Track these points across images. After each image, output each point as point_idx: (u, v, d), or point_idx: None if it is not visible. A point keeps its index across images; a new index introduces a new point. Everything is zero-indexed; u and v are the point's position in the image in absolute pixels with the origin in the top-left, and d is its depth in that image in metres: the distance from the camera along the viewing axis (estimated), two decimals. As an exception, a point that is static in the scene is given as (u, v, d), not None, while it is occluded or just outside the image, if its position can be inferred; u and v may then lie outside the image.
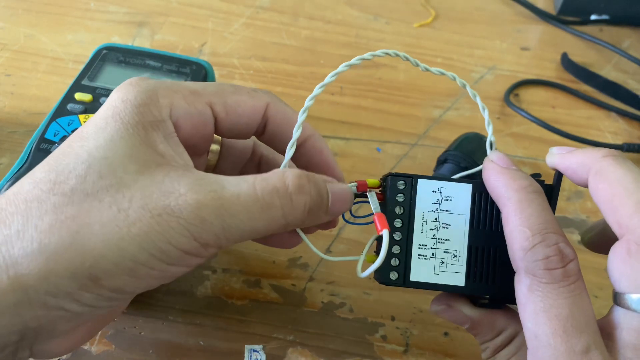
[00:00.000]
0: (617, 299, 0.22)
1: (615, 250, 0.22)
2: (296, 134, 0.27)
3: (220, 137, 0.31)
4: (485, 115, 0.28)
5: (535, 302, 0.22)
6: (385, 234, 0.25)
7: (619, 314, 0.22)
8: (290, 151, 0.27)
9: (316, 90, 0.27)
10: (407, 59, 0.28)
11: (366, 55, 0.27)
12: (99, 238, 0.21)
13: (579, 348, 0.21)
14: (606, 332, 0.22)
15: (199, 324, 0.34)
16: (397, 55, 0.28)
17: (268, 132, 0.28)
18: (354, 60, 0.27)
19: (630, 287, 0.21)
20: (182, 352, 0.33)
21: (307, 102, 0.27)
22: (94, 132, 0.23)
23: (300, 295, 0.36)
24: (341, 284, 0.37)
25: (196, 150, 0.27)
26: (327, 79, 0.28)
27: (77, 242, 0.21)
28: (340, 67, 0.27)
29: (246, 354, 0.33)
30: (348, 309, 0.36)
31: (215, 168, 0.32)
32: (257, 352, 0.33)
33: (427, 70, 0.28)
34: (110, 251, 0.21)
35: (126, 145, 0.22)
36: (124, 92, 0.24)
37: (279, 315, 0.35)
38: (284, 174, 0.24)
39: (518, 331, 0.26)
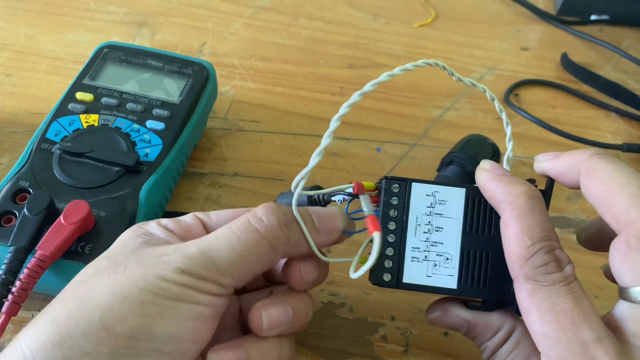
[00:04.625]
0: (622, 293, 0.22)
1: (616, 245, 0.23)
2: (326, 140, 0.26)
3: None
4: (508, 131, 0.28)
5: (538, 304, 0.22)
6: (376, 236, 0.25)
7: (625, 308, 0.22)
8: (316, 159, 0.27)
9: (367, 87, 0.28)
10: (445, 69, 0.28)
11: (408, 65, 0.28)
12: (103, 294, 0.23)
13: (591, 337, 0.21)
14: (612, 325, 0.22)
15: (200, 324, 0.34)
16: (437, 64, 0.28)
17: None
18: (396, 71, 0.28)
19: (634, 280, 0.22)
20: (182, 352, 0.33)
21: (355, 98, 0.27)
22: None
23: (300, 295, 0.36)
24: (341, 284, 0.37)
25: None
26: (367, 87, 0.28)
27: (84, 304, 0.22)
28: (382, 77, 0.27)
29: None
30: (348, 309, 0.36)
31: None
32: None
33: (460, 80, 0.29)
34: (116, 299, 0.22)
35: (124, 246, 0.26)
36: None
37: (280, 315, 0.35)
38: (253, 209, 0.26)
39: (515, 326, 0.26)
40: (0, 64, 0.49)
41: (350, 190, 0.28)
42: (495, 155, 0.41)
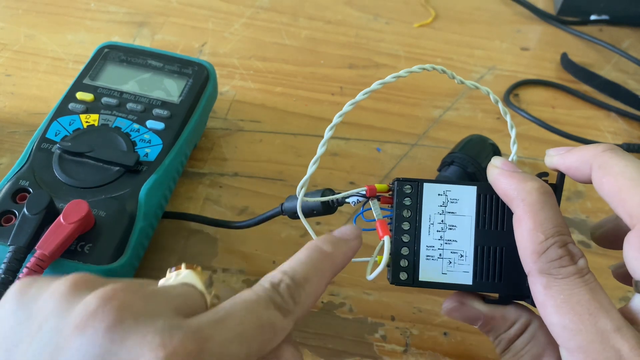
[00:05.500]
0: (638, 286, 0.22)
1: (630, 240, 0.23)
2: (321, 150, 0.27)
3: None
4: (512, 134, 0.29)
5: (554, 297, 0.23)
6: (386, 240, 0.27)
7: None
8: (312, 167, 0.27)
9: (374, 86, 0.28)
10: (444, 72, 0.29)
11: (414, 68, 0.28)
12: None
13: (610, 327, 0.21)
14: (629, 318, 0.22)
15: (200, 323, 0.34)
16: (434, 69, 0.29)
17: None
18: (402, 72, 0.28)
19: None
20: (182, 351, 0.33)
21: (359, 97, 0.28)
22: None
23: (300, 295, 0.36)
24: (341, 284, 0.37)
25: None
26: (359, 97, 0.28)
27: None
28: (388, 78, 0.28)
29: (246, 354, 0.33)
30: (348, 309, 0.36)
31: None
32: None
33: (462, 83, 0.29)
34: None
35: None
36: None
37: (279, 315, 0.35)
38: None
39: (530, 319, 0.27)
40: (0, 64, 0.49)
41: (363, 192, 0.29)
42: (496, 155, 0.41)
